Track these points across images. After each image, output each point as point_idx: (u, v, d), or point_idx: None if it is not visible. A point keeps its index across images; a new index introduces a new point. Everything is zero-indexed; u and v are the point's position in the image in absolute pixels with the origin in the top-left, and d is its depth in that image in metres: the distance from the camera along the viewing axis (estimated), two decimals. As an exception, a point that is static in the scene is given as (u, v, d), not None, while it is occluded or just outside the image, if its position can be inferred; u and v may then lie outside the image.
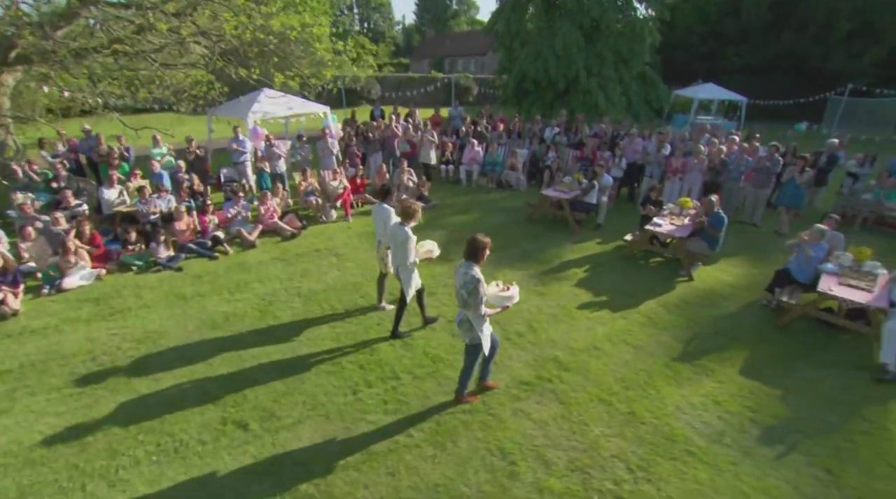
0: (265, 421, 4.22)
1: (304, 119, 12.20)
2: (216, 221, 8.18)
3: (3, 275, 6.01)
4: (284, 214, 8.92)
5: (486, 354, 4.15)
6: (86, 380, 4.68)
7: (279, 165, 10.08)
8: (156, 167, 9.06)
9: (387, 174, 10.43)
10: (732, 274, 7.20)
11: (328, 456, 3.84)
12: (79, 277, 6.51)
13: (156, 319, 5.83)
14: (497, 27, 20.01)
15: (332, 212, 9.29)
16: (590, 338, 5.39)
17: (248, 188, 10.15)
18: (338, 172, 9.80)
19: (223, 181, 10.20)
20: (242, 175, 10.23)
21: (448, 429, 4.08)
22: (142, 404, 4.39)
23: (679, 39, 26.09)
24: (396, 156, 11.18)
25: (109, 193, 8.13)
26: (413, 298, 5.25)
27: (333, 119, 12.13)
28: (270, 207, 8.65)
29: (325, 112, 11.68)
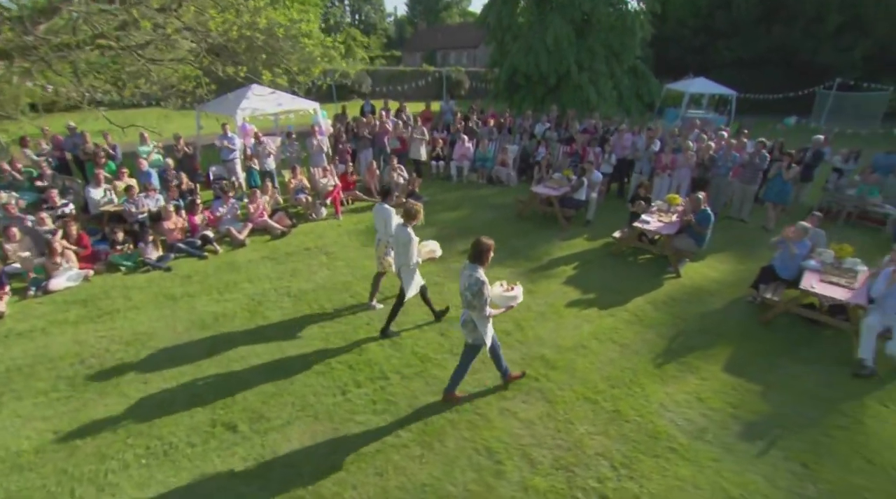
0: (254, 423, 4.24)
1: (294, 115, 12.12)
2: (205, 220, 8.15)
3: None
4: (274, 212, 8.88)
5: (490, 353, 4.27)
6: (74, 383, 4.67)
7: (268, 163, 10.02)
8: (143, 165, 8.99)
9: (377, 171, 10.42)
10: (719, 270, 7.29)
11: (317, 457, 3.88)
12: (66, 278, 6.47)
13: (145, 321, 5.82)
14: (489, 20, 19.88)
15: (322, 209, 9.27)
16: (577, 336, 5.46)
17: (238, 186, 10.09)
18: (327, 169, 9.77)
19: (212, 179, 10.13)
20: (232, 173, 10.16)
21: (435, 429, 4.13)
22: (131, 406, 4.40)
23: (671, 33, 26.12)
24: (387, 152, 11.15)
25: (96, 193, 8.05)
26: (416, 297, 5.38)
27: (323, 115, 12.07)
28: (260, 206, 8.62)
29: (315, 109, 11.61)
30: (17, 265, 6.62)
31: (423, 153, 11.52)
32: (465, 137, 11.70)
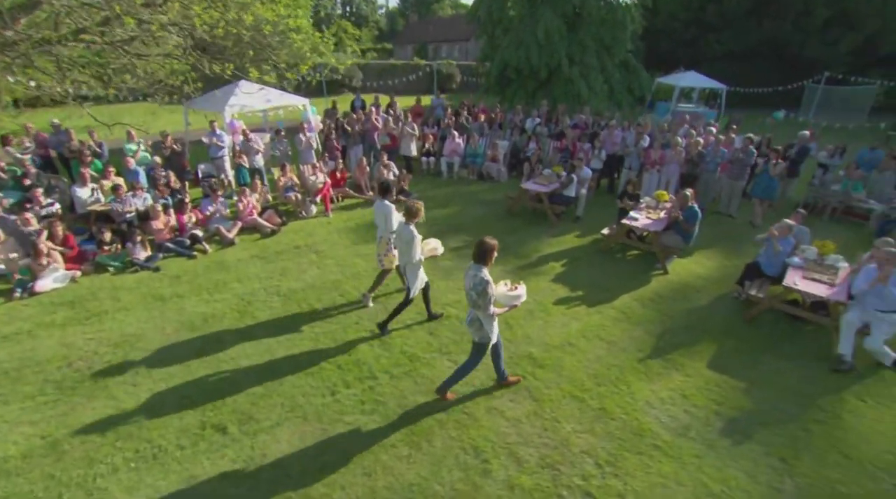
0: (244, 424, 4.26)
1: (283, 112, 12.02)
2: (194, 219, 8.10)
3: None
4: (264, 210, 8.85)
5: (491, 351, 4.32)
6: (61, 387, 4.66)
7: (257, 160, 9.95)
8: (131, 164, 8.88)
9: (367, 168, 10.38)
10: (706, 266, 7.38)
11: (306, 458, 3.92)
12: (52, 279, 6.41)
13: (133, 322, 5.80)
14: (479, 14, 19.77)
15: (312, 207, 9.24)
16: (564, 334, 5.52)
17: (227, 183, 10.01)
18: (317, 166, 9.73)
19: (201, 177, 10.04)
20: (221, 170, 10.08)
21: (423, 428, 4.18)
22: (119, 409, 4.40)
23: (662, 26, 26.10)
24: (377, 149, 11.11)
25: (82, 192, 7.96)
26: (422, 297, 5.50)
27: (313, 111, 11.98)
28: (249, 204, 8.57)
29: (305, 105, 11.52)
30: (2, 267, 6.55)
31: (414, 149, 11.50)
32: (456, 133, 11.68)
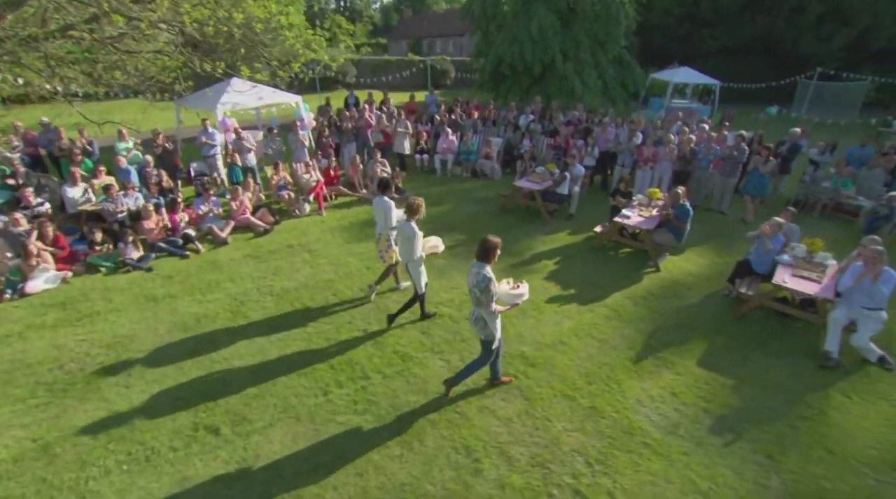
0: (236, 425, 4.28)
1: (276, 109, 11.96)
2: (187, 218, 8.06)
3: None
4: (257, 209, 8.82)
5: (480, 356, 4.39)
6: (53, 389, 4.65)
7: (249, 158, 9.90)
8: (122, 163, 8.81)
9: (360, 165, 10.36)
10: (698, 264, 7.44)
11: (298, 459, 3.94)
12: (43, 280, 6.38)
13: (126, 323, 5.78)
14: (473, 9, 19.68)
15: (306, 206, 9.21)
16: (556, 332, 5.56)
17: (220, 182, 9.97)
18: (310, 164, 9.70)
19: (193, 176, 9.99)
20: (213, 169, 10.04)
21: (415, 428, 4.21)
22: (112, 412, 4.40)
23: (656, 21, 26.11)
24: (370, 146, 11.09)
25: (73, 192, 7.90)
26: (403, 292, 5.59)
27: (306, 109, 11.93)
28: (242, 203, 8.55)
29: (297, 102, 11.47)
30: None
31: (407, 147, 11.48)
32: (449, 130, 11.66)
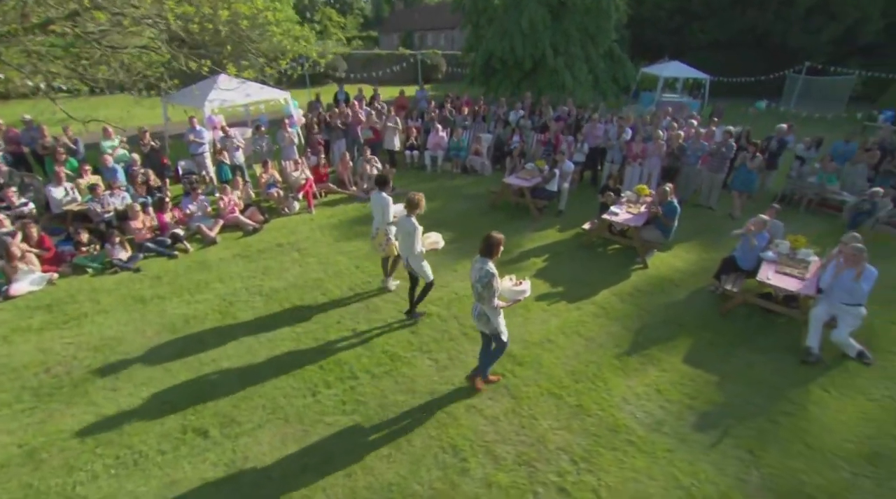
0: (225, 427, 4.29)
1: (264, 106, 11.85)
2: (175, 217, 8.00)
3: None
4: (246, 208, 8.77)
5: (486, 347, 4.51)
6: (38, 393, 4.62)
7: (237, 156, 9.83)
8: (109, 162, 8.67)
9: (350, 162, 10.32)
10: (685, 260, 7.51)
11: (287, 460, 3.96)
12: (28, 282, 6.31)
13: (113, 325, 5.75)
14: (464, 3, 19.58)
15: (295, 204, 9.17)
16: (544, 330, 5.60)
17: (209, 180, 9.89)
18: (299, 162, 9.64)
19: (181, 174, 9.89)
20: (202, 167, 9.94)
21: (403, 428, 4.25)
22: (99, 415, 4.39)
23: (648, 14, 26.13)
24: (360, 143, 11.04)
25: (57, 192, 7.79)
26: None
27: (295, 105, 11.83)
28: (231, 201, 8.49)
29: (286, 98, 11.37)
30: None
31: (397, 143, 11.44)
32: (439, 127, 11.63)
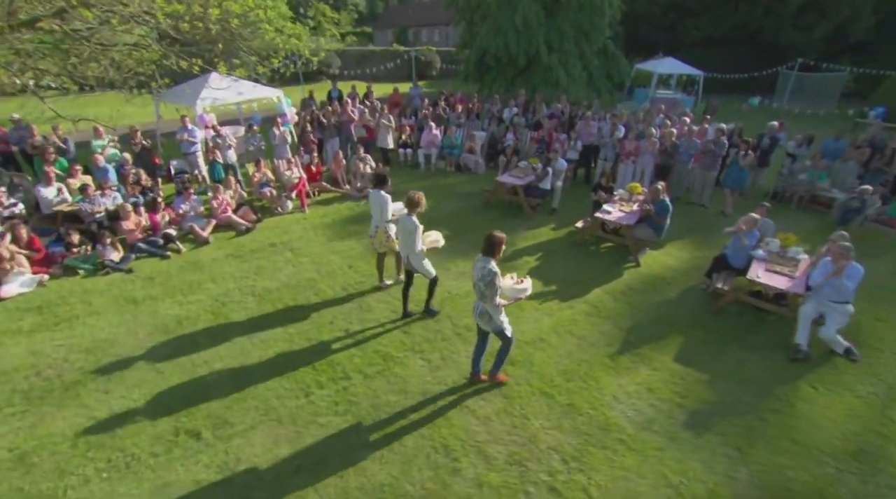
0: (218, 429, 4.29)
1: (257, 104, 11.78)
2: (167, 217, 7.96)
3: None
4: (239, 207, 8.74)
5: (481, 344, 4.59)
6: (29, 397, 4.60)
7: (229, 155, 9.77)
8: (100, 161, 8.60)
9: (343, 161, 10.30)
10: (677, 258, 7.55)
11: (280, 461, 3.98)
12: (18, 284, 6.27)
13: (105, 327, 5.73)
14: (457, 0, 19.50)
15: (288, 203, 9.14)
16: (536, 330, 5.63)
17: (201, 179, 9.84)
18: (292, 161, 9.61)
19: (174, 173, 9.84)
20: (194, 166, 9.88)
21: (396, 428, 4.27)
22: (91, 418, 4.38)
23: (642, 11, 26.10)
24: (353, 141, 11.01)
25: (47, 192, 7.72)
26: (402, 284, 5.77)
27: (288, 103, 11.77)
28: (223, 201, 8.46)
29: (279, 96, 11.31)
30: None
31: (390, 141, 11.41)
32: (433, 124, 11.61)
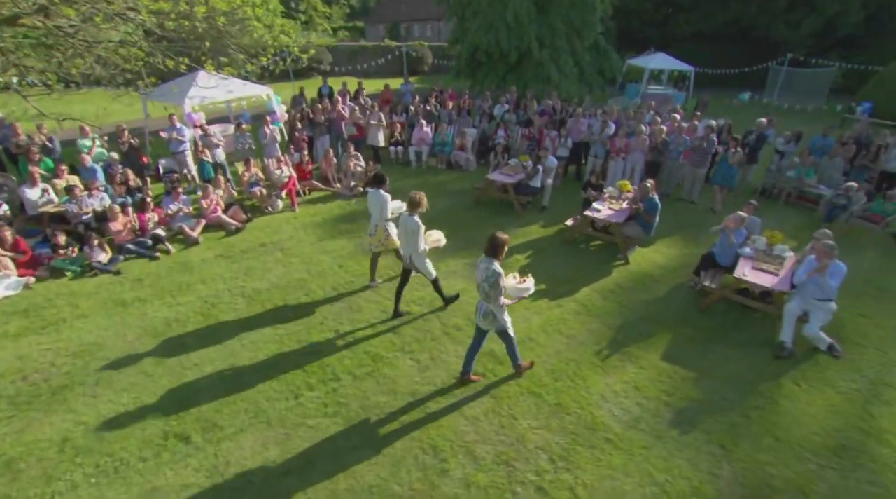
0: (207, 432, 4.29)
1: (246, 102, 11.68)
2: (156, 218, 7.90)
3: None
4: (229, 207, 8.69)
5: (477, 343, 4.65)
6: (15, 402, 4.58)
7: (217, 154, 9.70)
8: (87, 161, 8.49)
9: (334, 159, 10.25)
10: (666, 255, 7.61)
11: (269, 464, 3.99)
12: (3, 286, 6.20)
13: (93, 330, 5.70)
14: (448, -5, 19.40)
15: (278, 202, 9.10)
16: (525, 329, 5.66)
17: (191, 178, 9.76)
18: (282, 159, 9.56)
19: (162, 173, 9.76)
20: (183, 165, 9.80)
21: (385, 429, 4.29)
22: (79, 423, 4.37)
23: (634, 6, 26.11)
24: (344, 139, 10.96)
25: (32, 193, 7.62)
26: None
27: (278, 101, 11.68)
28: (213, 201, 8.41)
29: (269, 94, 11.23)
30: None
31: (381, 139, 11.36)
32: (424, 122, 11.58)
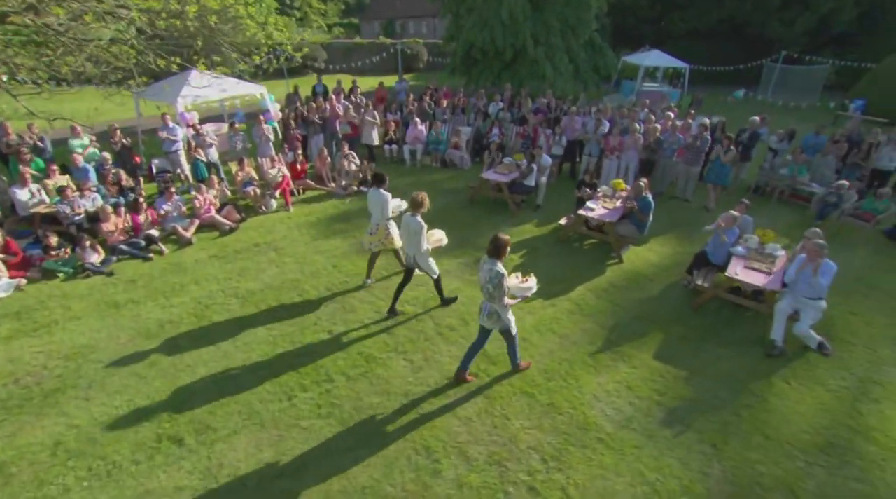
0: (200, 434, 4.30)
1: (240, 101, 11.62)
2: (150, 218, 7.86)
3: None
4: (223, 206, 8.65)
5: (478, 342, 4.74)
6: (7, 405, 4.56)
7: (210, 153, 9.65)
8: (79, 161, 8.43)
9: (328, 158, 10.23)
10: (660, 254, 7.64)
11: (262, 466, 4.00)
12: (-5, 289, 6.19)
13: (86, 332, 5.67)
14: (443, -8, 19.36)
15: (272, 201, 9.07)
16: (519, 328, 5.50)
17: (184, 178, 9.72)
18: (276, 159, 9.52)
19: (155, 173, 9.70)
20: (176, 165, 9.74)
21: (378, 430, 4.31)
22: (71, 426, 4.36)
23: (629, 2, 26.07)
24: (338, 138, 10.93)
25: (22, 194, 7.56)
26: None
27: (271, 99, 11.62)
28: (207, 201, 8.37)
29: (262, 93, 11.17)
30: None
31: (376, 138, 11.33)
32: (418, 120, 11.55)
